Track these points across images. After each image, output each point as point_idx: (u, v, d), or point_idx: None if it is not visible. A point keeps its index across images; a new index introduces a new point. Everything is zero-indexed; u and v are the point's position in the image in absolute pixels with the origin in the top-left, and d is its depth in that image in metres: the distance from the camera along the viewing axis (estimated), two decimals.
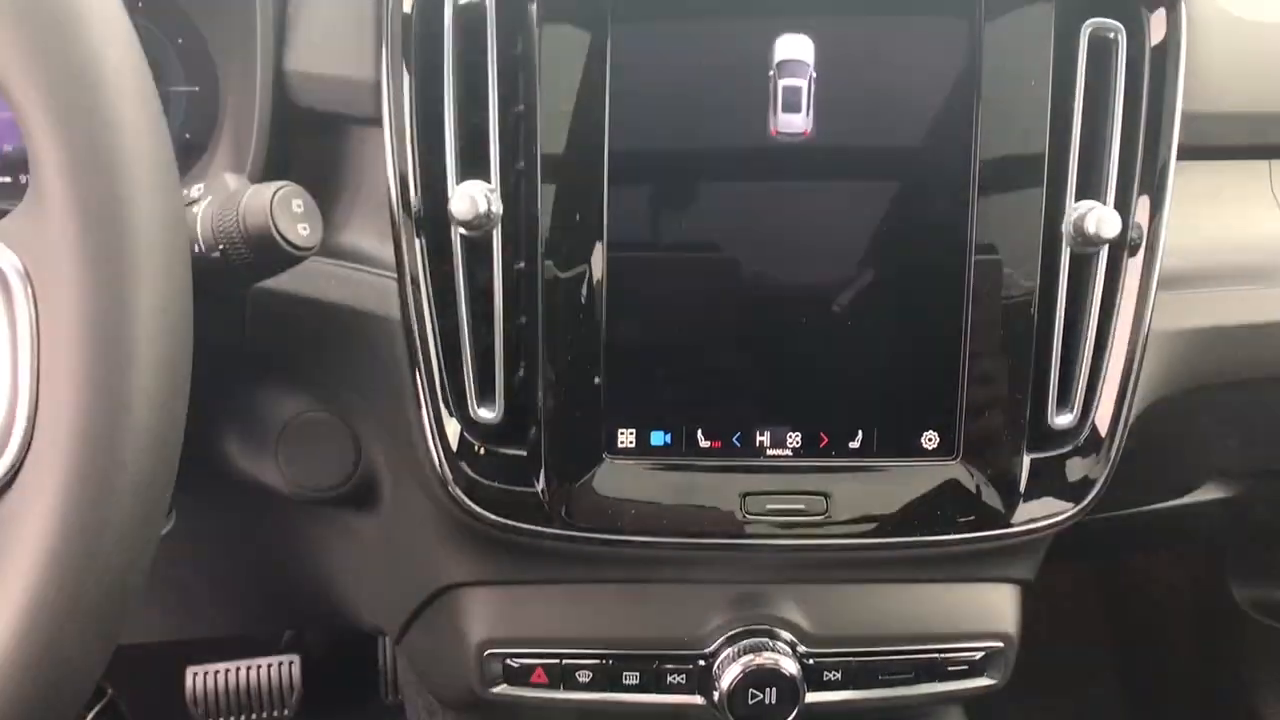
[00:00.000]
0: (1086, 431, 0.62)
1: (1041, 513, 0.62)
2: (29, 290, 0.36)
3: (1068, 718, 1.65)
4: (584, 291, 0.57)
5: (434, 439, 0.57)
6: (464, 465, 0.57)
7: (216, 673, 1.31)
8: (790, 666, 0.62)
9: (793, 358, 0.59)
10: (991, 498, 0.61)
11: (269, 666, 1.33)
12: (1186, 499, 0.94)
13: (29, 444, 0.36)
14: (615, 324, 0.57)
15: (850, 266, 0.58)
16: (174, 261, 0.38)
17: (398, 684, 1.41)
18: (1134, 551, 1.41)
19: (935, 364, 0.59)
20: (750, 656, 0.62)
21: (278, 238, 0.47)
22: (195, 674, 1.31)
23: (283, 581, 0.83)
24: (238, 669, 1.32)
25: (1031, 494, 0.61)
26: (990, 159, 0.58)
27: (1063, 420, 0.61)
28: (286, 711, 1.34)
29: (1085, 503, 0.62)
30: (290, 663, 1.34)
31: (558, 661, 0.63)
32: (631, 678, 0.64)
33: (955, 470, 0.60)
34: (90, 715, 1.25)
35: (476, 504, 0.58)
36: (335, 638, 1.55)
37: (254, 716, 1.32)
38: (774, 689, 0.62)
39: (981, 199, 0.58)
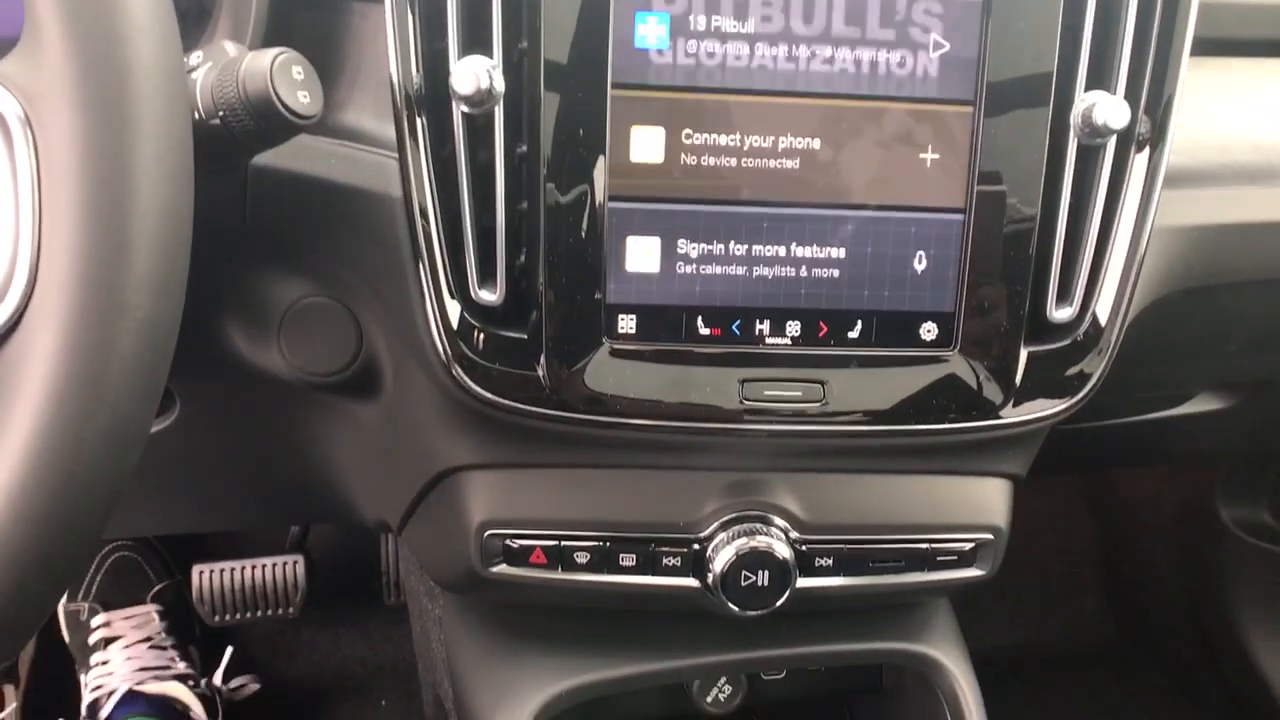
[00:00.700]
0: (1085, 326, 0.62)
1: (1037, 406, 0.62)
2: (29, 135, 0.36)
3: (1056, 631, 1.69)
4: (587, 174, 0.56)
5: (435, 319, 0.57)
6: (465, 346, 0.58)
7: (222, 571, 1.34)
8: (783, 551, 0.64)
9: (794, 246, 0.59)
10: (987, 389, 0.61)
11: (274, 566, 1.36)
12: (1182, 410, 0.95)
13: (32, 288, 0.36)
14: (617, 207, 0.57)
15: (853, 154, 0.58)
16: (175, 109, 0.38)
17: (400, 586, 1.45)
18: (1128, 465, 1.43)
19: (936, 254, 0.60)
20: (744, 540, 0.63)
21: (277, 104, 0.46)
22: (201, 572, 1.33)
23: (287, 475, 0.84)
24: (243, 568, 1.35)
25: (1027, 387, 0.62)
26: (999, 47, 0.57)
27: (1062, 314, 0.62)
28: (291, 610, 1.37)
29: (1080, 397, 0.63)
30: (295, 562, 1.37)
31: (556, 543, 0.65)
32: (628, 560, 0.65)
33: (952, 361, 0.61)
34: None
35: (477, 385, 0.58)
36: (339, 541, 1.58)
37: (259, 613, 1.36)
38: (766, 572, 0.64)
39: (989, 88, 0.57)
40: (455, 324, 0.57)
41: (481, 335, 0.58)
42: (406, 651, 1.48)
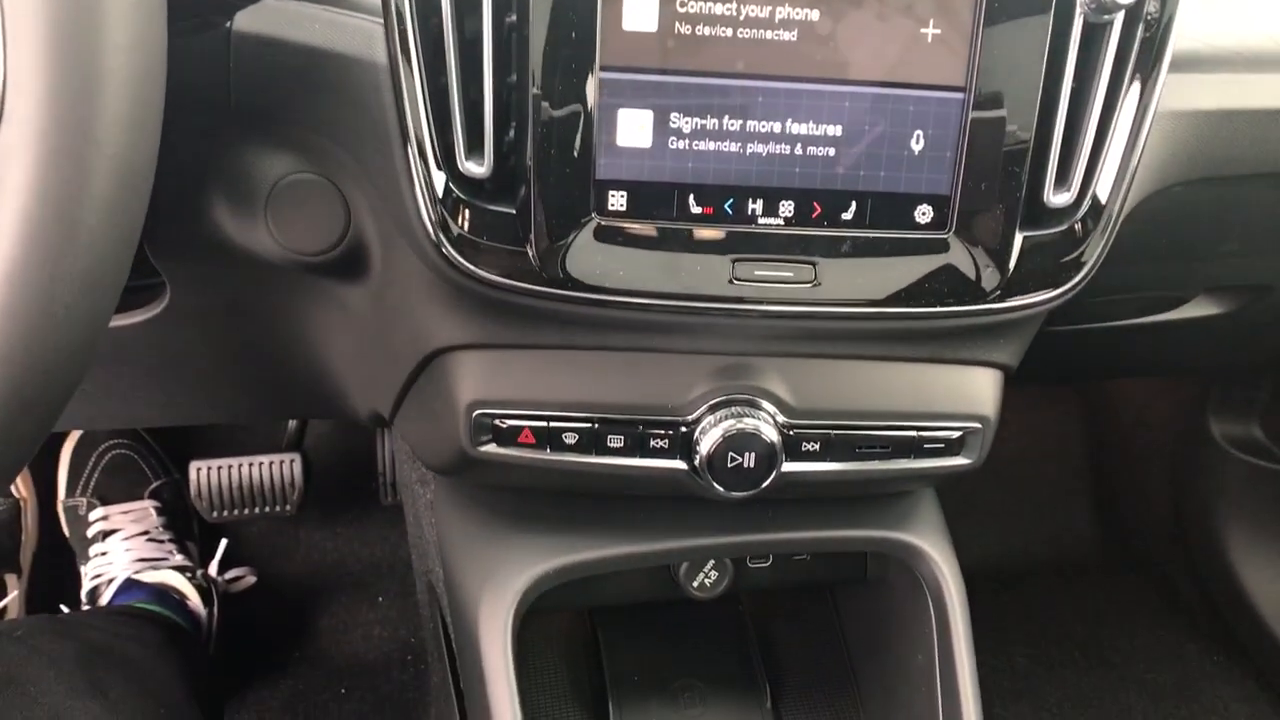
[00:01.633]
0: (1082, 212, 0.61)
1: (1030, 291, 0.62)
2: None
3: (1044, 544, 1.72)
4: (578, 43, 0.55)
5: (421, 191, 0.56)
6: (452, 220, 0.57)
7: (219, 468, 1.36)
8: (770, 434, 0.64)
9: (789, 123, 0.58)
10: (981, 273, 0.61)
11: (271, 464, 1.37)
12: (1177, 314, 0.94)
13: None
14: (609, 78, 0.56)
15: (852, 27, 0.56)
16: None
17: (396, 487, 1.47)
18: (1123, 374, 1.43)
19: (934, 134, 0.58)
20: (731, 422, 0.63)
21: None
22: (199, 469, 1.35)
23: (280, 366, 0.84)
24: (240, 465, 1.36)
25: (1021, 272, 0.61)
26: None
27: (1059, 199, 0.61)
28: (288, 508, 1.39)
29: (1072, 285, 0.62)
30: (292, 461, 1.38)
31: (545, 424, 0.65)
32: (616, 442, 0.65)
33: (946, 245, 0.60)
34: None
35: (465, 260, 0.58)
36: (336, 442, 1.59)
37: (257, 510, 1.37)
38: (752, 454, 0.64)
39: None
40: (441, 195, 0.56)
41: (469, 209, 0.57)
42: (404, 550, 1.51)
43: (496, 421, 0.65)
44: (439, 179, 0.56)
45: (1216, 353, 1.07)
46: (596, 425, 0.65)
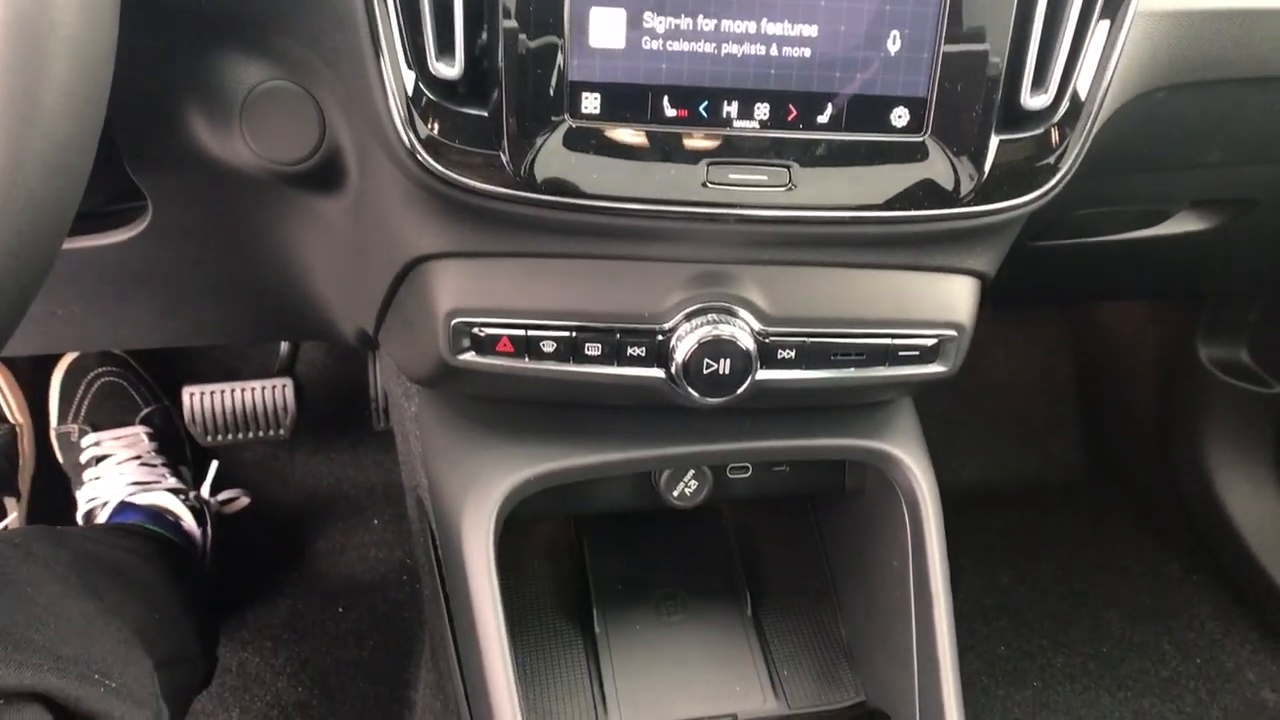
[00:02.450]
0: (1059, 115, 0.61)
1: (1006, 196, 0.62)
2: None
3: (1030, 468, 1.74)
4: None
5: (392, 93, 0.56)
6: (424, 123, 0.57)
7: (212, 393, 1.37)
8: (745, 341, 0.64)
9: (764, 22, 0.57)
10: (957, 177, 0.61)
11: (263, 389, 1.38)
12: (1161, 230, 0.94)
13: None
14: None
15: None
16: None
17: (388, 411, 1.48)
18: (1109, 294, 1.43)
19: (911, 34, 0.58)
20: (707, 329, 0.64)
21: None
22: (191, 394, 1.36)
23: (265, 286, 0.84)
24: (233, 390, 1.37)
25: (997, 175, 0.61)
26: None
27: (1036, 102, 0.60)
28: (282, 432, 1.40)
29: (1048, 189, 0.62)
30: (284, 386, 1.39)
31: (523, 332, 0.65)
32: (594, 350, 0.66)
33: (922, 147, 0.60)
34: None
35: (439, 165, 0.58)
36: (329, 369, 1.60)
37: (250, 435, 1.39)
38: (727, 361, 0.64)
39: None
40: (412, 96, 0.56)
41: (440, 112, 0.57)
42: (397, 475, 1.53)
43: (475, 330, 0.65)
44: (409, 80, 0.56)
45: (1202, 272, 1.07)
46: (574, 333, 0.65)
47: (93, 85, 0.39)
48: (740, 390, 0.66)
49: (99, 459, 1.30)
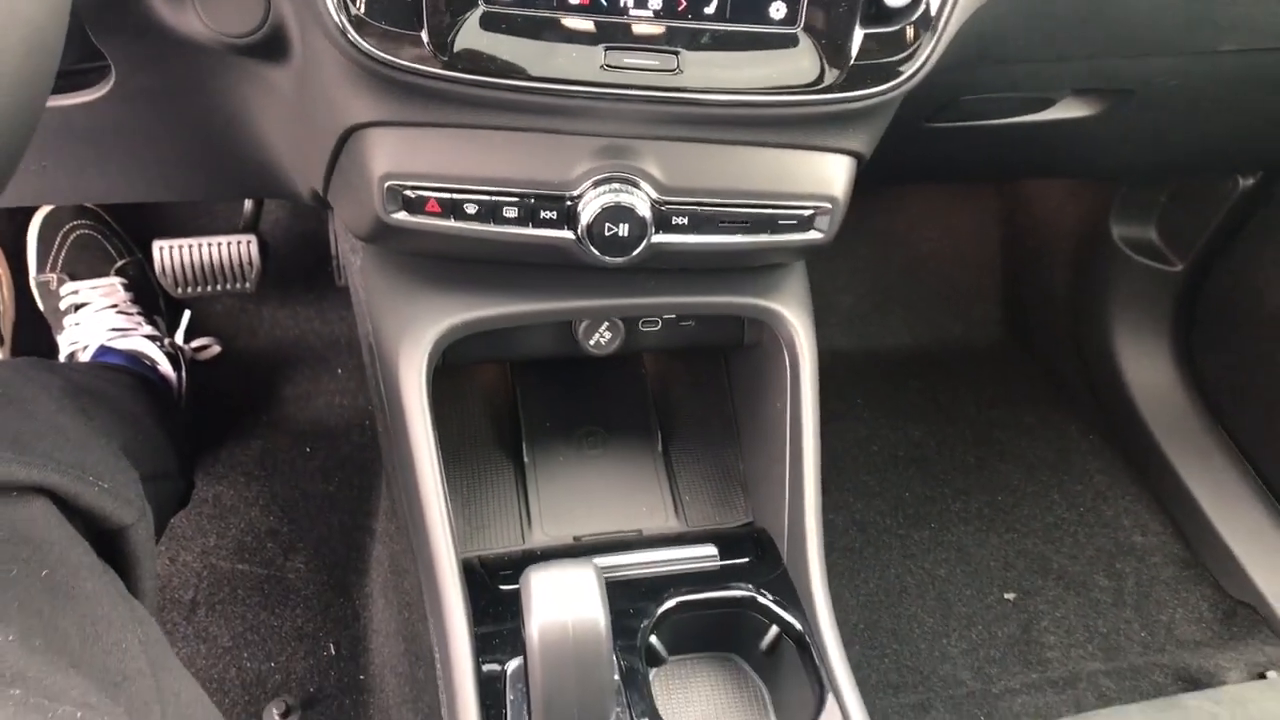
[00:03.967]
0: (917, 13, 0.69)
1: (869, 85, 0.71)
2: None
3: (953, 334, 1.86)
4: None
5: None
6: (353, 3, 0.64)
7: (181, 247, 1.45)
8: (643, 208, 0.74)
9: None
10: (826, 65, 0.69)
11: (229, 244, 1.46)
12: (1047, 115, 1.03)
13: None
14: None
15: None
16: None
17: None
18: (1009, 172, 1.52)
19: None
20: (609, 197, 0.73)
21: None
22: (161, 248, 1.44)
23: (224, 146, 0.91)
24: (201, 245, 1.45)
25: (862, 64, 0.69)
26: None
27: (896, 0, 0.68)
28: (248, 285, 1.49)
29: (906, 78, 0.71)
30: (249, 242, 1.47)
31: (449, 195, 0.74)
32: (511, 212, 0.75)
33: (796, 39, 0.68)
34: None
35: (365, 42, 0.65)
36: (292, 228, 1.68)
37: (218, 287, 1.48)
38: (626, 225, 0.74)
39: None
40: None
41: None
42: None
43: (406, 192, 0.74)
44: None
45: (1088, 156, 1.17)
46: (493, 197, 0.75)
47: None
48: (637, 252, 0.76)
49: (78, 306, 1.39)
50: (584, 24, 0.67)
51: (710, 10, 0.67)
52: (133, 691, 0.60)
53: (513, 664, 0.78)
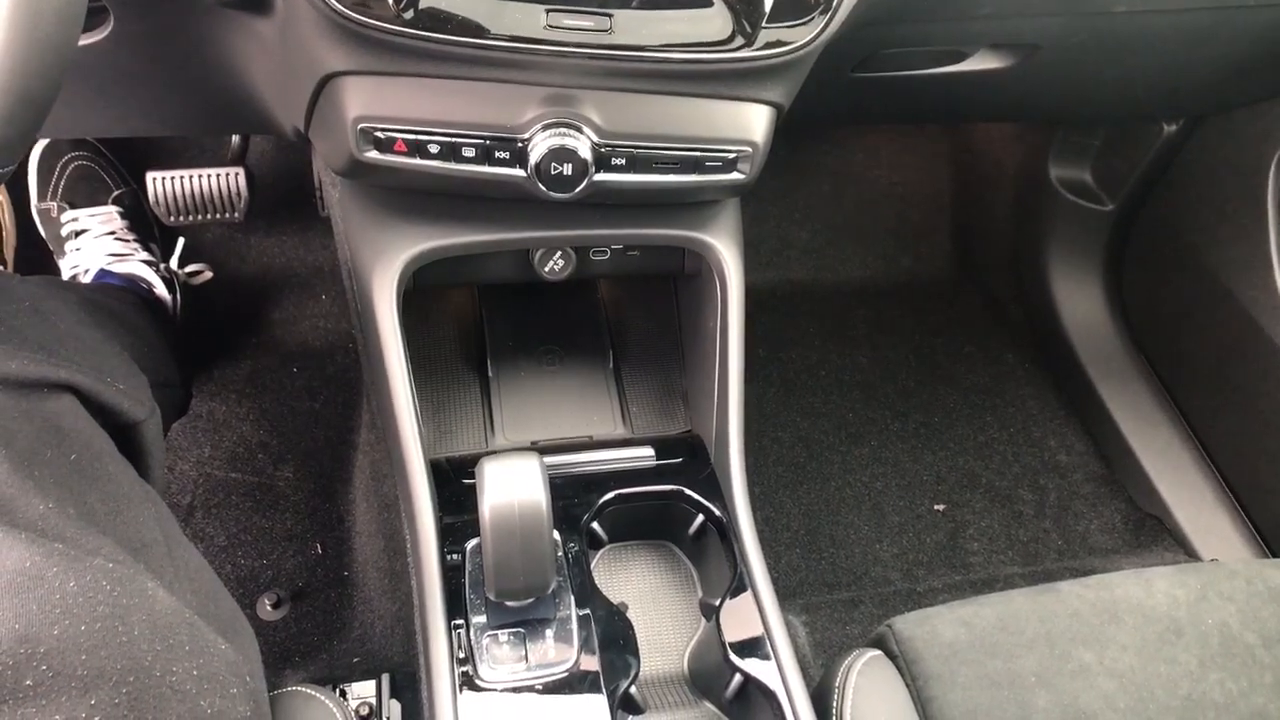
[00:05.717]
0: None
1: (779, 43, 0.81)
2: None
3: (902, 268, 1.98)
4: None
5: None
6: None
7: (172, 178, 1.53)
8: (584, 150, 0.85)
9: None
10: (740, 27, 0.80)
11: (218, 175, 1.55)
12: (965, 66, 1.13)
13: None
14: None
15: None
16: None
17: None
18: (934, 117, 1.62)
19: None
20: (555, 140, 0.84)
21: None
22: (155, 178, 1.52)
23: (215, 86, 1.00)
24: (191, 176, 1.54)
25: (772, 25, 0.80)
26: None
27: None
28: (236, 215, 1.58)
29: (810, 39, 0.81)
30: (236, 174, 1.56)
31: (414, 136, 0.85)
32: (469, 153, 0.85)
33: (714, 2, 0.79)
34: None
35: (339, 2, 0.75)
36: (278, 161, 1.77)
37: (208, 216, 1.57)
38: (570, 164, 0.85)
39: None
40: None
41: None
42: None
43: (376, 133, 0.85)
44: None
45: (1007, 102, 1.27)
46: (453, 139, 0.85)
47: None
48: (580, 188, 0.86)
49: (78, 233, 1.49)
50: None
51: None
52: (150, 556, 0.73)
53: (471, 542, 0.91)
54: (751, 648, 0.88)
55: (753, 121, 0.89)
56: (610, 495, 0.98)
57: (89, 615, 0.56)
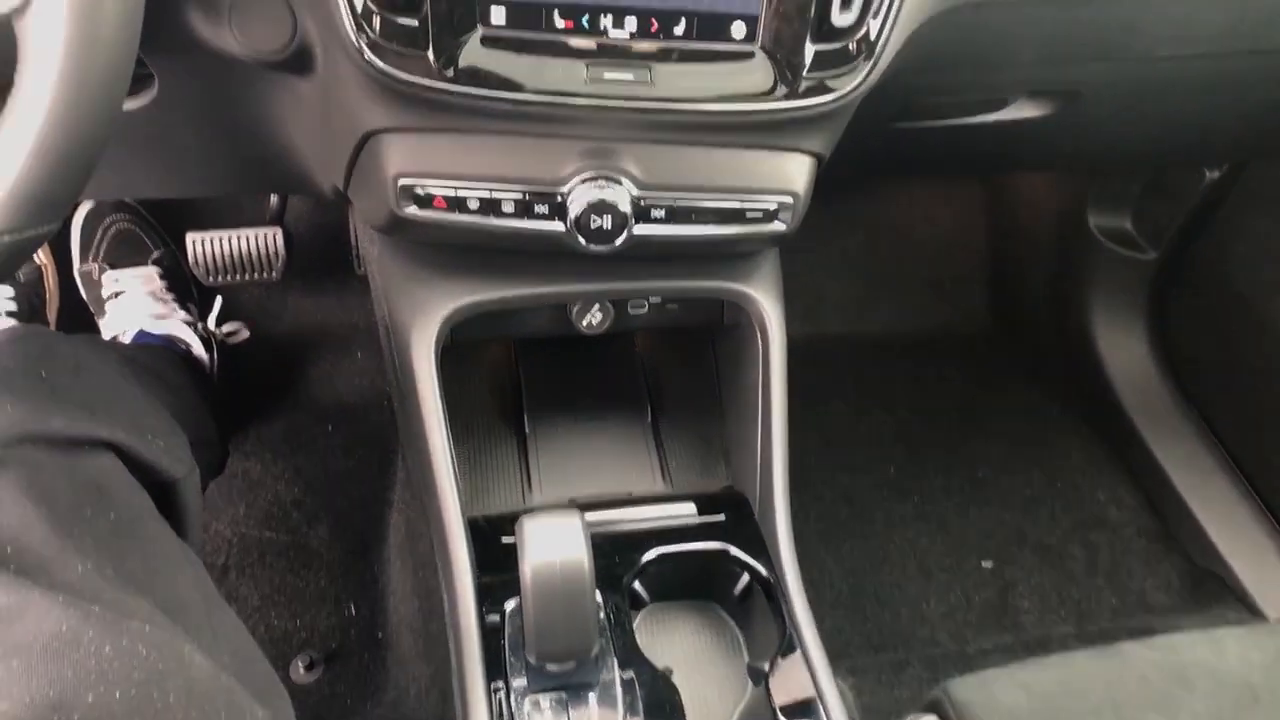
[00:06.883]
0: (861, 31, 0.78)
1: (820, 94, 0.80)
2: None
3: (938, 320, 1.95)
4: None
5: (345, 4, 0.74)
6: (368, 29, 0.74)
7: (212, 239, 1.56)
8: (624, 203, 0.84)
9: None
10: (781, 77, 0.79)
11: (257, 236, 1.57)
12: (1003, 115, 1.12)
13: None
14: None
15: None
16: None
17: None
18: (973, 167, 1.61)
19: None
20: (595, 193, 0.83)
21: None
22: (194, 240, 1.55)
23: (255, 147, 1.02)
24: (230, 237, 1.56)
25: (813, 77, 0.79)
26: None
27: (843, 20, 0.77)
28: (274, 274, 1.60)
29: (853, 89, 0.80)
30: (274, 234, 1.58)
31: (454, 191, 0.85)
32: (508, 207, 0.85)
33: (755, 55, 0.78)
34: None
35: (380, 61, 0.76)
36: (315, 220, 1.79)
37: (246, 276, 1.59)
38: (610, 217, 0.84)
39: None
40: (360, 10, 0.74)
41: (380, 20, 0.74)
42: None
43: (416, 189, 0.85)
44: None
45: (1049, 150, 1.25)
46: (493, 194, 0.85)
47: (133, 19, 0.57)
48: (620, 241, 0.86)
49: (118, 294, 1.51)
50: (569, 44, 0.77)
51: (679, 30, 0.77)
52: (188, 618, 0.71)
53: (511, 603, 0.89)
54: (803, 712, 0.84)
55: (794, 172, 0.88)
56: (653, 554, 0.95)
57: (125, 681, 0.54)
